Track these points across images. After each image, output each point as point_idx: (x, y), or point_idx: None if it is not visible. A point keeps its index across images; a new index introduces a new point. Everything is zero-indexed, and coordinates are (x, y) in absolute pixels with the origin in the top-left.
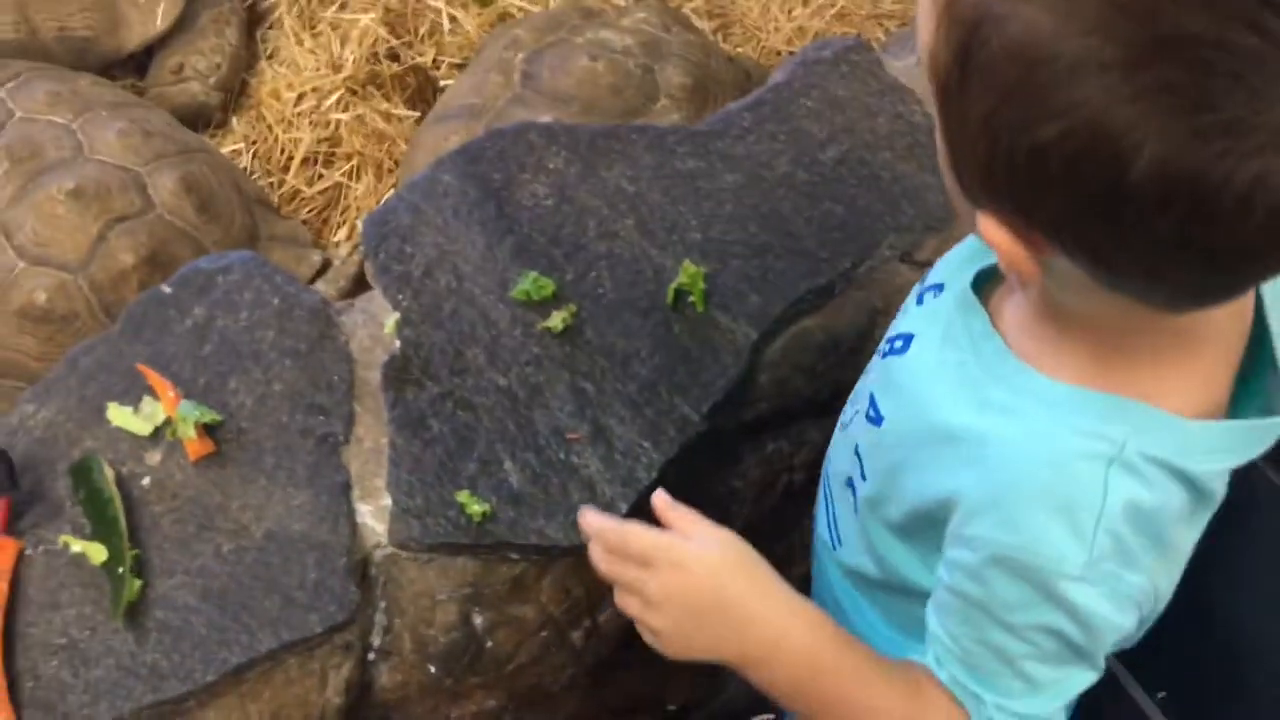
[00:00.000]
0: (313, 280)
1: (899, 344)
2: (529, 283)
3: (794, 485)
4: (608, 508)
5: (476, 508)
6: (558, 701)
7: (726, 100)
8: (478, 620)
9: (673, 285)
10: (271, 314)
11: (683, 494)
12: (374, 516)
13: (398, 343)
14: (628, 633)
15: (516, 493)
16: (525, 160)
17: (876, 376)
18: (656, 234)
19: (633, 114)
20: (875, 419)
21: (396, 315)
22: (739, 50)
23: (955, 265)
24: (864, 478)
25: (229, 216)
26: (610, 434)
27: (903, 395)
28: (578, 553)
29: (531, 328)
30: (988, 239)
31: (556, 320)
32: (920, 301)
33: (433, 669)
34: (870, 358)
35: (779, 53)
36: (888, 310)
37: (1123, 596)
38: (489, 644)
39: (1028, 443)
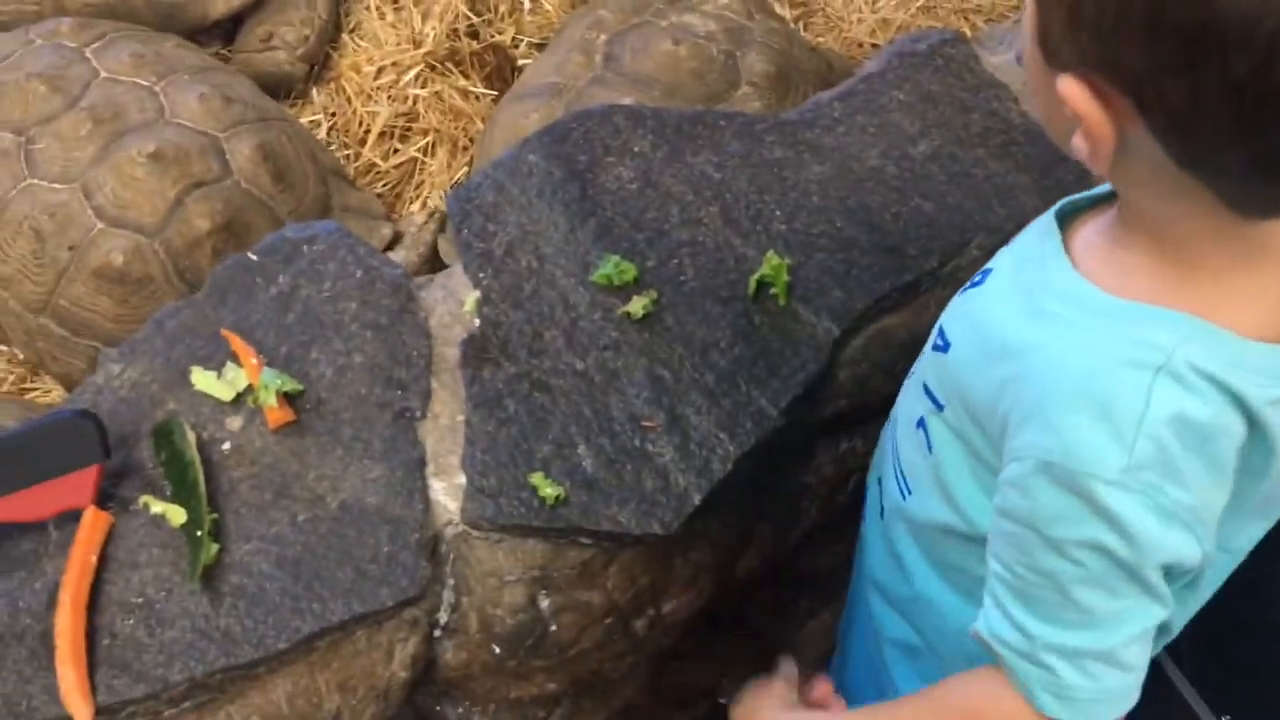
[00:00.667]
0: (385, 251)
1: (978, 278)
2: (610, 267)
3: (865, 484)
4: (681, 497)
5: (550, 490)
6: (615, 689)
7: (808, 89)
8: (544, 603)
9: (755, 276)
10: (354, 285)
11: (755, 487)
12: (447, 494)
13: (477, 321)
14: (689, 624)
15: (590, 477)
16: (611, 143)
17: (950, 312)
18: (740, 223)
19: (714, 99)
20: (943, 346)
21: (477, 293)
22: (820, 40)
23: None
24: (938, 406)
25: (304, 186)
26: (686, 423)
27: (970, 320)
28: (647, 541)
29: (611, 312)
30: (1066, 98)
31: (637, 306)
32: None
33: (497, 649)
34: None
35: (861, 44)
36: None
37: (1167, 512)
38: (553, 628)
39: (1074, 349)
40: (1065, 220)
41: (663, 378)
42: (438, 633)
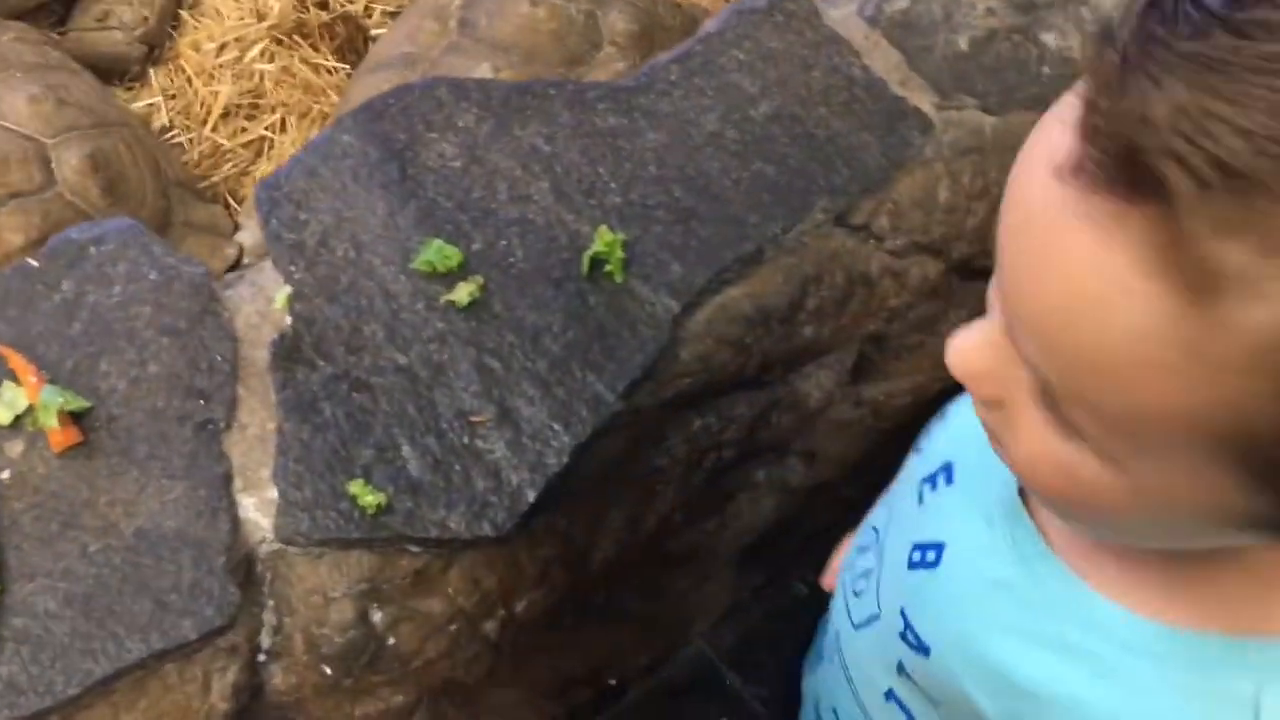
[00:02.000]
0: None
1: (929, 555)
2: (432, 252)
3: (723, 462)
4: (514, 496)
5: (370, 499)
6: (477, 692)
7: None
8: (377, 617)
9: (588, 253)
10: (148, 288)
11: (604, 475)
12: (258, 510)
13: (289, 319)
14: (551, 618)
15: (415, 481)
16: (432, 118)
17: (905, 590)
18: (573, 198)
19: (575, 62)
20: (919, 647)
21: (288, 289)
22: None
23: (961, 441)
24: (935, 703)
25: (139, 199)
26: (518, 416)
27: (944, 622)
28: (482, 545)
29: (435, 301)
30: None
31: (462, 293)
32: (927, 493)
33: (328, 669)
34: (802, 329)
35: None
36: (819, 278)
37: None
38: (391, 641)
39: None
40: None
41: (492, 368)
42: (261, 657)
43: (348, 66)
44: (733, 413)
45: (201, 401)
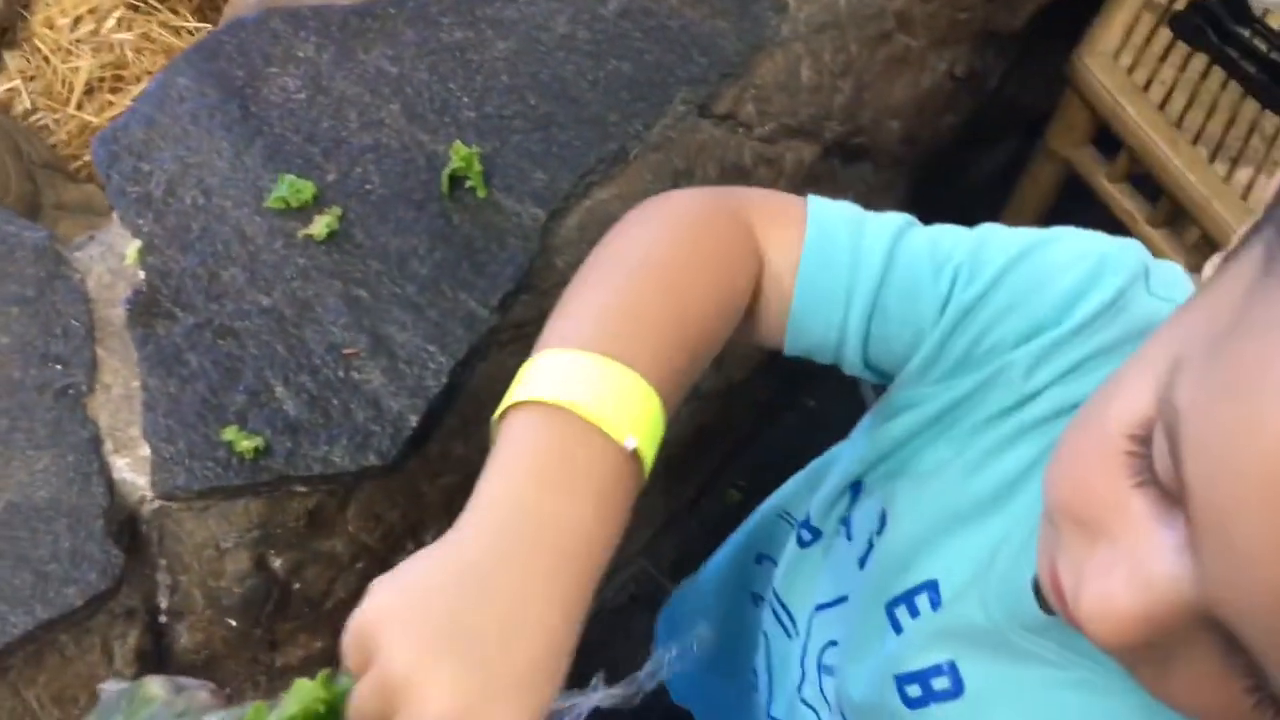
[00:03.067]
0: None
1: (936, 683)
2: (285, 189)
3: None
4: (396, 423)
5: (247, 443)
6: None
7: None
8: (276, 563)
9: (446, 171)
10: None
11: (487, 394)
12: (133, 469)
13: (142, 274)
14: None
15: (293, 420)
16: (270, 51)
17: None
18: (426, 117)
19: None
20: None
21: (138, 243)
22: None
23: (943, 552)
24: None
25: (3, 185)
26: (392, 343)
27: None
28: (373, 476)
29: (293, 238)
30: None
31: (320, 226)
32: (905, 619)
33: (233, 622)
34: None
35: None
36: (690, 171)
37: None
38: (296, 586)
39: None
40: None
41: (360, 298)
42: (162, 619)
43: (209, 25)
44: None
45: (59, 367)
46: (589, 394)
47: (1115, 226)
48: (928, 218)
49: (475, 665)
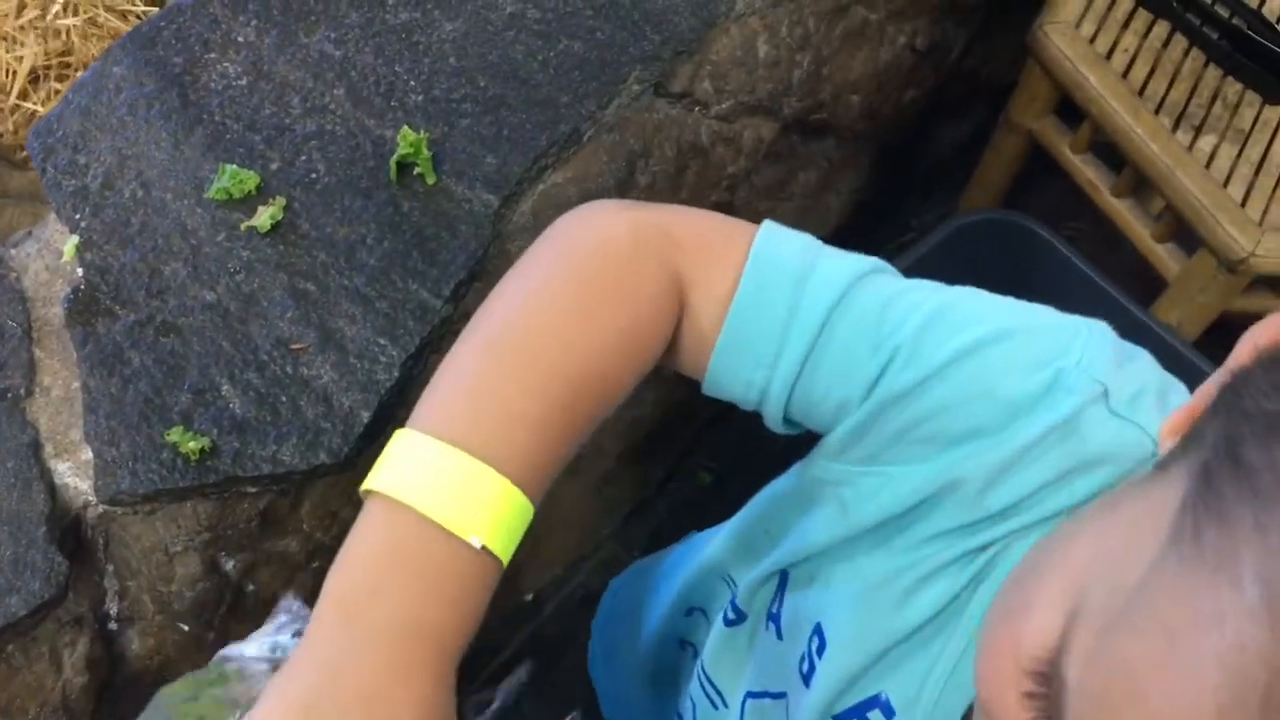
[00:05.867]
0: None
1: None
2: (227, 179)
3: None
4: (348, 419)
5: (193, 444)
6: None
7: None
8: (228, 565)
9: (394, 158)
10: None
11: None
12: (75, 474)
13: (80, 270)
14: None
15: (240, 419)
16: (209, 36)
17: None
18: (372, 102)
19: None
20: None
21: (75, 238)
22: None
23: (886, 666)
24: None
25: None
26: (341, 336)
27: None
28: (326, 474)
29: (236, 230)
30: None
31: (264, 217)
32: None
33: (186, 626)
34: None
35: None
36: (647, 153)
37: None
38: (250, 587)
39: None
40: None
41: (307, 291)
42: (112, 625)
43: (156, 9)
44: None
45: None
46: (436, 493)
47: (1079, 197)
48: (891, 192)
49: None
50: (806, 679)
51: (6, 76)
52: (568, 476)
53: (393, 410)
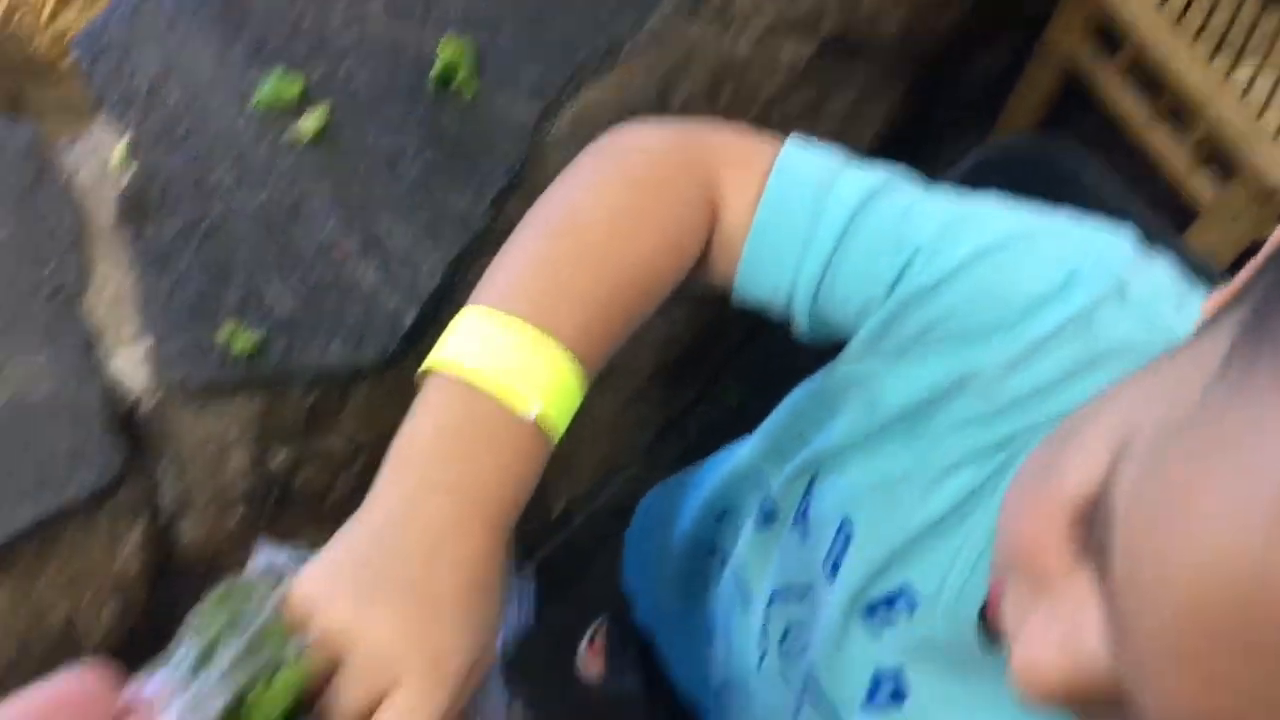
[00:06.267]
0: None
1: (886, 690)
2: (272, 86)
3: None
4: (393, 320)
5: (244, 341)
6: None
7: None
8: (276, 459)
9: (434, 68)
10: None
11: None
12: (131, 367)
13: (130, 174)
14: None
15: (288, 319)
16: None
17: None
18: (413, 11)
19: None
20: None
21: (124, 143)
22: None
23: (916, 560)
24: None
25: None
26: (384, 242)
27: None
28: (369, 374)
29: (281, 137)
30: None
31: (308, 125)
32: (882, 622)
33: (238, 516)
34: None
35: None
36: (684, 70)
37: None
38: (297, 482)
39: None
40: None
41: (351, 197)
42: (166, 514)
43: None
44: None
45: (52, 268)
46: (497, 363)
47: (1112, 130)
48: (924, 121)
49: (407, 599)
50: (833, 573)
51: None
52: (599, 392)
53: (435, 314)
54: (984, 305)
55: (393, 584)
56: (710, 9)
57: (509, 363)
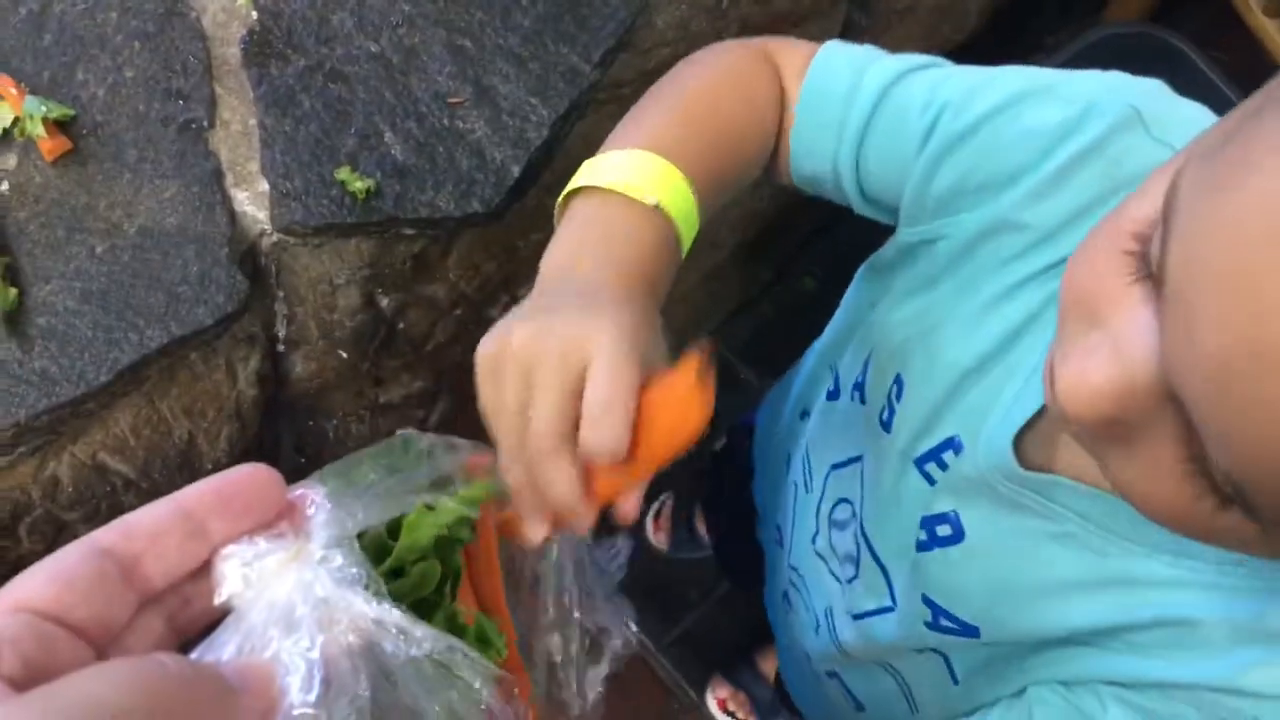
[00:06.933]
0: None
1: (941, 529)
2: None
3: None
4: (499, 172)
5: (359, 184)
6: None
7: None
8: (384, 302)
9: None
10: None
11: (583, 153)
12: (252, 203)
13: (254, 14)
14: None
15: (401, 165)
16: None
17: (925, 576)
18: None
19: None
20: (963, 630)
21: None
22: None
23: (961, 410)
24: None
25: None
26: (495, 93)
27: (990, 597)
28: (476, 224)
29: None
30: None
31: None
32: (936, 472)
33: (344, 354)
34: None
35: None
36: None
37: None
38: (401, 325)
39: None
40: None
41: (464, 48)
42: (280, 346)
43: None
44: None
45: (181, 102)
46: (623, 175)
47: (1227, 20)
48: (1030, 2)
49: (582, 308)
50: (887, 425)
51: None
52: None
53: (541, 167)
54: (1009, 150)
55: (565, 306)
56: None
57: (632, 174)
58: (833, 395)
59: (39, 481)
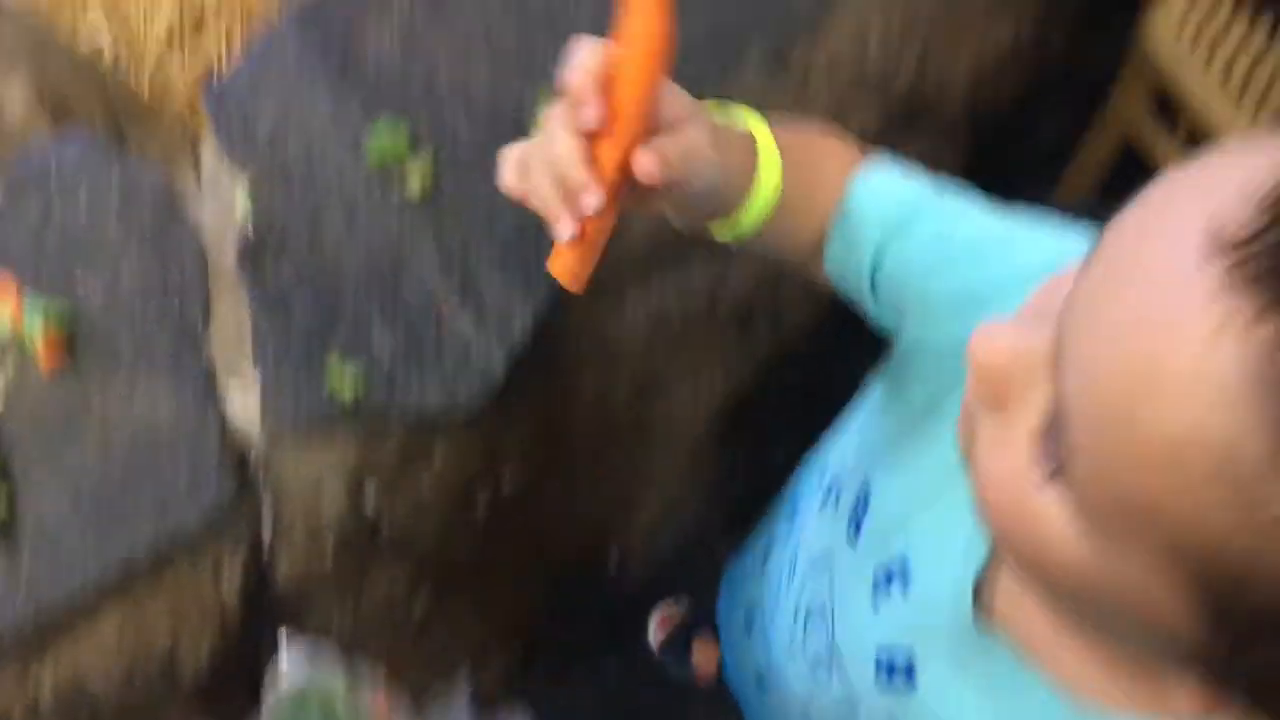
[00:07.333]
0: None
1: (898, 672)
2: (381, 134)
3: (687, 326)
4: (484, 371)
5: (349, 382)
6: (475, 577)
7: None
8: (369, 498)
9: (535, 119)
10: (113, 199)
11: (572, 350)
12: (244, 402)
13: (250, 218)
14: (529, 493)
15: (389, 364)
16: (367, 4)
17: (884, 710)
18: (514, 68)
19: None
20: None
21: (245, 190)
22: None
23: (912, 532)
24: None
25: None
26: (481, 294)
27: None
28: (461, 417)
29: (389, 187)
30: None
31: (414, 180)
32: (880, 598)
33: (330, 551)
34: None
35: None
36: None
37: None
38: (385, 521)
39: None
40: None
41: (451, 250)
42: (265, 546)
43: None
44: (689, 281)
45: (177, 303)
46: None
47: None
48: (985, 184)
49: None
50: (855, 535)
51: (144, 43)
52: (653, 442)
53: (525, 369)
54: (997, 274)
55: None
56: (788, 67)
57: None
58: (825, 499)
59: (20, 697)
